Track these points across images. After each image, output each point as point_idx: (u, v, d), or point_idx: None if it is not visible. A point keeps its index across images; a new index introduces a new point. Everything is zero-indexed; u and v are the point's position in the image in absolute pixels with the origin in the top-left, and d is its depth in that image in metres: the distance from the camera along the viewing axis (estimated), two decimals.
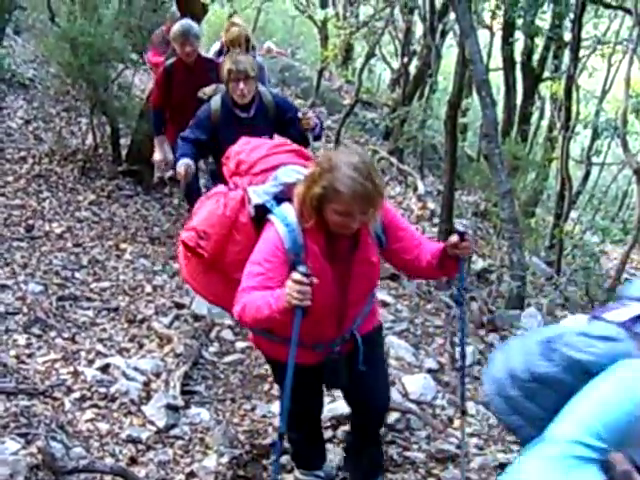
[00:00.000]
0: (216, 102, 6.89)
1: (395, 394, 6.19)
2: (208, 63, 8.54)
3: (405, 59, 18.38)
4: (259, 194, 4.16)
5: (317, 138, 6.93)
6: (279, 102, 7.10)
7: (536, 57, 16.92)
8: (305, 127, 6.69)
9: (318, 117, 6.99)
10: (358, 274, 4.20)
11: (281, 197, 4.14)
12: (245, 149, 4.54)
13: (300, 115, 6.73)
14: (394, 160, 15.82)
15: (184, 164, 6.52)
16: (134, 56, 11.43)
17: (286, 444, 4.94)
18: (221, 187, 4.47)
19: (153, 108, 8.93)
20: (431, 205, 13.49)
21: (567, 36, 14.52)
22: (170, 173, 9.45)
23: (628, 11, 11.37)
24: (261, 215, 4.12)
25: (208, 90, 7.54)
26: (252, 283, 3.90)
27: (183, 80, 8.40)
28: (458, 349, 7.44)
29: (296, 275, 3.60)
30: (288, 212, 4.01)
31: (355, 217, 3.82)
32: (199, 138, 6.73)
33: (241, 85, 6.63)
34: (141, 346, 6.71)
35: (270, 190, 4.17)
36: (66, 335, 6.60)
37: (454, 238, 4.24)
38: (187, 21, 8.65)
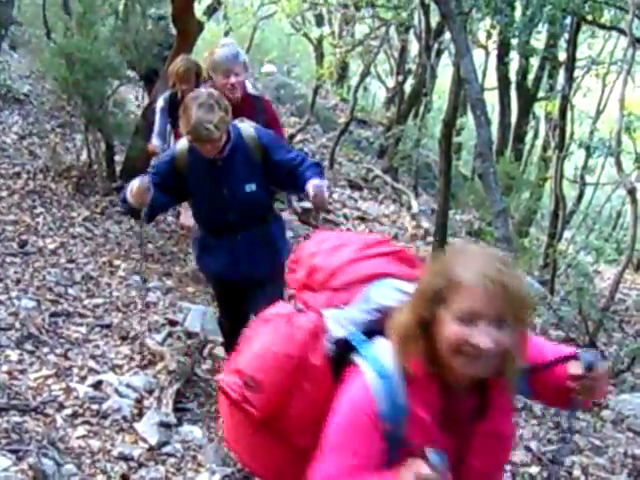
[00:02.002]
0: (182, 144, 5.40)
1: None
2: (256, 101, 6.91)
3: (400, 78, 18.51)
4: (342, 323, 2.82)
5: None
6: (263, 138, 5.47)
7: (531, 77, 17.03)
8: (317, 206, 5.36)
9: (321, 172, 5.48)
10: (480, 451, 2.69)
11: (375, 329, 2.75)
12: (322, 249, 3.10)
13: (310, 191, 5.04)
14: (388, 179, 15.88)
15: (137, 181, 5.04)
16: (130, 73, 11.46)
17: None
18: (282, 307, 3.04)
19: None
20: (425, 224, 13.52)
21: (562, 56, 14.60)
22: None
23: (622, 32, 11.41)
24: (343, 355, 2.76)
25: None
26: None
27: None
28: None
29: (424, 470, 2.40)
30: (385, 354, 2.61)
31: (482, 327, 2.41)
32: (161, 184, 5.24)
33: (207, 147, 5.18)
34: (134, 363, 6.68)
35: (359, 317, 2.83)
36: (59, 351, 6.56)
37: (577, 370, 2.77)
38: (231, 43, 7.06)
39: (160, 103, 8.46)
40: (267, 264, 5.59)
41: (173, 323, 7.46)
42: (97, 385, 6.08)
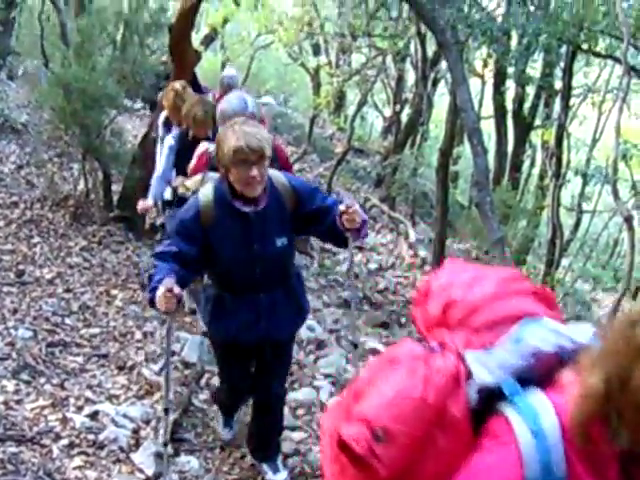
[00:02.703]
0: (206, 195, 4.78)
1: None
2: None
3: (397, 107, 18.54)
4: (489, 367, 2.31)
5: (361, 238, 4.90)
6: (297, 187, 4.95)
7: (527, 105, 17.06)
8: (348, 226, 4.56)
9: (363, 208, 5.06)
10: None
11: (527, 376, 2.27)
12: (459, 280, 2.57)
13: (342, 207, 4.52)
14: (385, 208, 15.89)
15: (164, 287, 4.23)
16: (127, 102, 11.49)
17: None
18: (413, 347, 2.49)
19: None
20: (422, 253, 13.51)
21: (558, 84, 14.62)
22: (162, 219, 9.34)
23: (617, 60, 11.46)
24: (488, 405, 2.28)
25: (191, 183, 5.64)
26: None
27: None
28: None
29: None
30: (543, 408, 2.13)
31: None
32: (183, 251, 4.64)
33: (253, 171, 4.50)
34: (131, 393, 6.66)
35: (510, 361, 2.31)
36: (55, 381, 6.55)
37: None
38: (239, 95, 6.71)
39: (170, 141, 7.88)
40: (290, 324, 5.26)
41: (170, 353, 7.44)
42: (94, 415, 6.06)
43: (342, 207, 4.50)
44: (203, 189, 4.87)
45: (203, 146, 6.70)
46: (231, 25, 21.38)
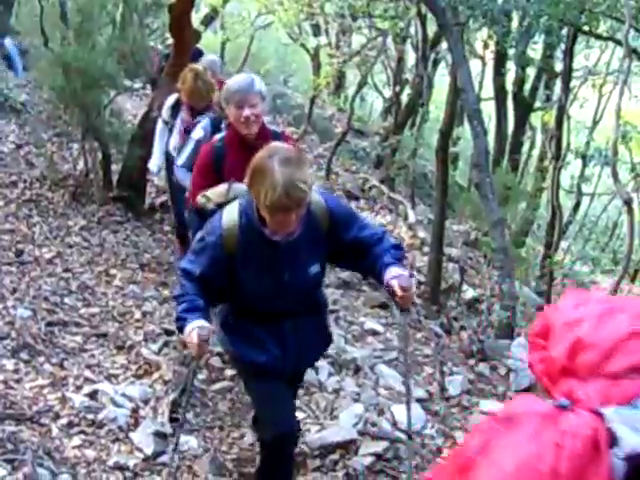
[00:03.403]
0: (231, 217, 4.20)
1: (384, 423, 6.18)
2: (275, 138, 5.44)
3: (397, 88, 18.50)
4: (638, 427, 1.81)
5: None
6: (334, 208, 4.35)
7: (527, 87, 17.05)
8: (400, 306, 4.27)
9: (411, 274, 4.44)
10: None
11: None
12: (586, 315, 1.99)
13: (395, 287, 4.06)
14: (385, 189, 15.87)
15: (197, 331, 3.94)
16: (127, 82, 11.47)
17: None
18: (536, 403, 1.98)
19: (194, 206, 5.37)
20: (422, 234, 13.51)
21: (558, 67, 14.63)
22: (162, 199, 9.33)
23: (619, 42, 11.44)
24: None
25: (213, 194, 4.61)
26: None
27: (239, 165, 4.60)
28: (448, 378, 7.45)
29: None
30: None
31: None
32: (206, 276, 4.17)
33: (291, 217, 3.95)
34: (130, 373, 6.67)
35: None
36: (54, 361, 6.55)
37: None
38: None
39: (199, 133, 6.72)
40: (316, 354, 4.88)
41: (169, 333, 7.44)
42: (93, 395, 6.06)
43: (396, 286, 4.04)
44: (229, 209, 4.25)
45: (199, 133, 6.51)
46: (231, 5, 21.38)
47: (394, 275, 4.11)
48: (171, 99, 8.48)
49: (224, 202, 4.41)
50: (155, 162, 8.65)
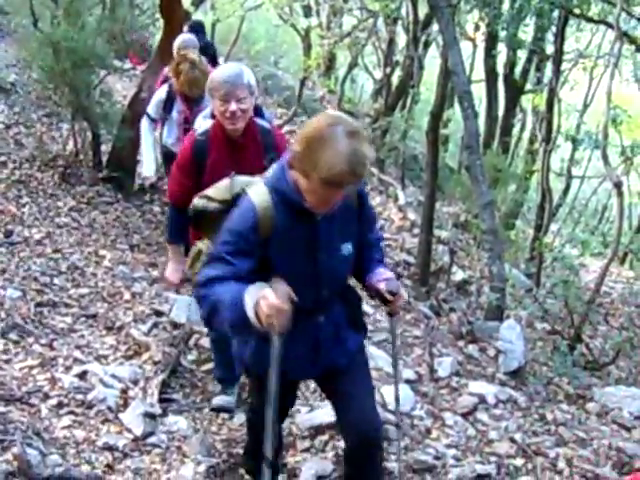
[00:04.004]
0: (262, 197, 3.76)
1: None
2: (264, 135, 5.33)
3: (388, 70, 18.48)
4: None
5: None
6: (362, 192, 4.07)
7: (518, 69, 17.05)
8: (389, 311, 4.21)
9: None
10: None
11: None
12: None
13: (383, 290, 3.99)
14: (375, 170, 15.86)
15: (269, 289, 3.44)
16: (116, 62, 11.44)
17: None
18: None
19: (173, 203, 5.58)
20: (412, 216, 13.54)
21: (549, 49, 14.62)
22: (151, 180, 9.21)
23: (610, 25, 11.44)
24: None
25: (215, 191, 4.23)
26: None
27: (222, 163, 5.02)
28: (437, 360, 7.47)
29: None
30: None
31: None
32: (242, 272, 3.68)
33: (340, 194, 3.66)
34: (119, 353, 6.67)
35: None
36: (44, 341, 6.55)
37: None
38: (234, 64, 5.57)
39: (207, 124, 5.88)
40: (353, 346, 4.24)
41: (159, 313, 7.45)
42: (82, 375, 6.06)
43: (384, 291, 3.93)
44: (254, 190, 3.80)
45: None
46: None
47: (382, 278, 4.00)
48: (161, 93, 7.82)
49: (229, 199, 4.04)
50: (149, 166, 8.10)
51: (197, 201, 4.24)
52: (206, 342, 7.00)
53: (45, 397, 5.68)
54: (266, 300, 3.34)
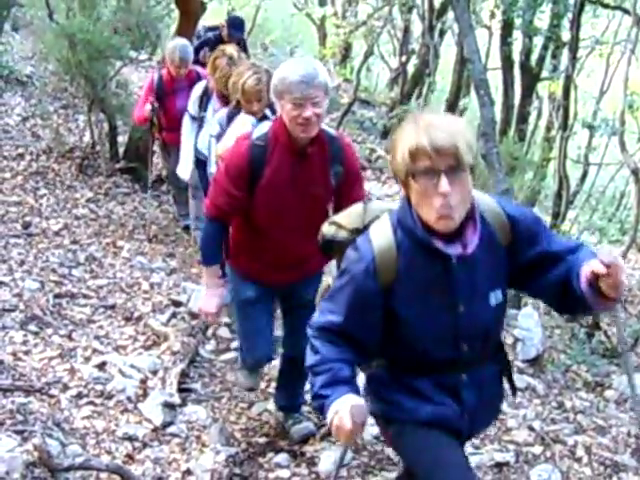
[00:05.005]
0: (384, 236, 3.12)
1: None
2: (331, 143, 4.68)
3: (403, 58, 18.43)
4: None
5: None
6: (516, 217, 3.21)
7: (534, 57, 16.93)
8: (607, 294, 2.83)
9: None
10: None
11: None
12: None
13: (596, 265, 2.77)
14: (389, 157, 15.83)
15: (349, 410, 2.94)
16: (132, 53, 11.44)
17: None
18: None
19: (212, 218, 4.76)
20: None
21: (565, 36, 14.52)
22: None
23: (626, 11, 11.38)
24: None
25: (346, 217, 3.58)
26: None
27: (284, 174, 4.53)
28: None
29: None
30: None
31: None
32: (351, 326, 3.15)
33: (443, 186, 2.89)
34: (138, 344, 6.69)
35: None
36: (63, 332, 6.57)
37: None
38: (307, 60, 4.80)
39: (216, 129, 6.43)
40: (496, 412, 3.75)
41: (177, 304, 7.47)
42: (101, 366, 6.09)
43: (595, 263, 2.78)
44: (376, 226, 3.19)
45: (244, 123, 5.41)
46: None
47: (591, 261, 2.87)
48: (198, 89, 7.64)
49: (361, 227, 3.36)
50: (186, 166, 7.83)
51: (326, 228, 3.62)
52: (224, 332, 7.02)
53: (65, 388, 5.71)
54: (340, 421, 2.94)
